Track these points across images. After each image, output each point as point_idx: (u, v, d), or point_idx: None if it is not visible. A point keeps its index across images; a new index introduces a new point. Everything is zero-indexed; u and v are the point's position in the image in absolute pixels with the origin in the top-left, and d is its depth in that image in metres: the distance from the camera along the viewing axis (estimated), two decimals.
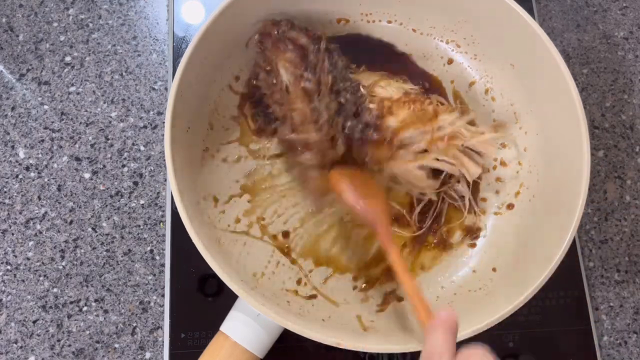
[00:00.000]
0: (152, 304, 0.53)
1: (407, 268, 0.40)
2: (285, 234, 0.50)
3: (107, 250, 0.54)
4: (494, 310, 0.39)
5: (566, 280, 0.53)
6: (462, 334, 0.38)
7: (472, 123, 0.49)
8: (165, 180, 0.56)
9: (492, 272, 0.47)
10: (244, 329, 0.41)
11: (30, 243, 0.55)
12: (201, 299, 0.51)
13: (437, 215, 0.51)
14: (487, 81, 0.53)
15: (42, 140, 0.58)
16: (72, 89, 0.59)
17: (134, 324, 0.53)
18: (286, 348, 0.46)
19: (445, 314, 0.30)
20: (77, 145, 0.57)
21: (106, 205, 0.56)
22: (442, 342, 0.28)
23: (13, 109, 0.59)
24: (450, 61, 0.54)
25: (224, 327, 0.42)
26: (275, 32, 0.47)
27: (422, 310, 0.35)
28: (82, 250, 0.54)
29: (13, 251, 0.54)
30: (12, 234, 0.55)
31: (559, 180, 0.46)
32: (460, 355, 0.27)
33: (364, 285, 0.49)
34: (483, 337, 0.39)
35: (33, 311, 0.53)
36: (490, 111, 0.53)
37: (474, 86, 0.54)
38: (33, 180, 0.56)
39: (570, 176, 0.43)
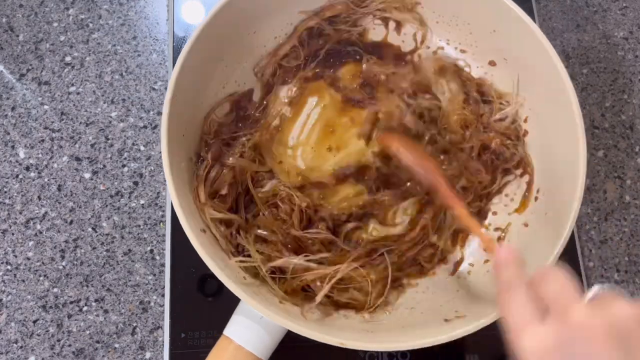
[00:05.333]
0: (152, 304, 0.53)
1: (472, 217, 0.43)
2: None
3: (107, 250, 0.54)
4: (494, 309, 0.39)
5: None
6: (466, 330, 0.38)
7: None
8: (165, 180, 0.56)
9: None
10: (247, 332, 0.41)
11: (30, 243, 0.54)
12: (201, 299, 0.51)
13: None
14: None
15: (42, 140, 0.58)
16: (72, 89, 0.59)
17: (134, 324, 0.53)
18: (287, 348, 0.46)
19: (508, 251, 0.34)
20: (77, 145, 0.57)
21: (106, 205, 0.56)
22: (514, 271, 0.33)
23: (13, 109, 0.59)
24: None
25: (227, 331, 0.42)
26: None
27: (489, 243, 0.41)
28: (82, 250, 0.54)
29: (13, 251, 0.54)
30: (12, 234, 0.55)
31: (556, 181, 0.46)
32: (537, 274, 0.31)
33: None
34: (484, 337, 0.39)
35: (33, 311, 0.53)
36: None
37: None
38: (33, 180, 0.56)
39: (568, 177, 0.43)
